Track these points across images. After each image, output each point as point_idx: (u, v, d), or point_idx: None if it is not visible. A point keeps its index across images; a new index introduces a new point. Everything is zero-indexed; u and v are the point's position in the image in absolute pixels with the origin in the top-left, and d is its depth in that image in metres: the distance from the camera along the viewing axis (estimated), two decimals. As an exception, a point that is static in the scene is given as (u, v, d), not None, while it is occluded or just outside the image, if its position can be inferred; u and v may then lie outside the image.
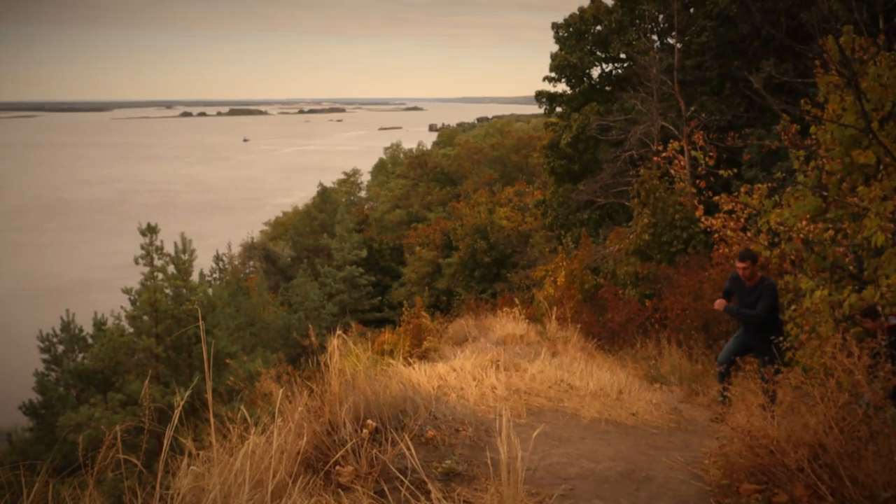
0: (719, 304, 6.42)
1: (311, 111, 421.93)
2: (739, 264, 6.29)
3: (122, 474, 2.83)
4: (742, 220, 9.16)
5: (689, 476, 4.00)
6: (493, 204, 33.24)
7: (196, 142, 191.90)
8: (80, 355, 18.90)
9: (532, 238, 29.17)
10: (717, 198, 9.54)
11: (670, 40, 21.92)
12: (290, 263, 39.95)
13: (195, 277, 18.20)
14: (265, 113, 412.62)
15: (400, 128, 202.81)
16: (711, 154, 12.90)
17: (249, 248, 44.01)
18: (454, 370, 6.09)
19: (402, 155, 64.21)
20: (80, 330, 19.29)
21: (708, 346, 9.27)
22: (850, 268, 7.50)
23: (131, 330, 17.38)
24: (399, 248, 39.75)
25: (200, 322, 3.83)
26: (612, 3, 22.98)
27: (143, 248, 16.67)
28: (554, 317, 9.97)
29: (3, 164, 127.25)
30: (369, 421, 3.69)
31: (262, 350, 19.19)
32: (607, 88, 23.67)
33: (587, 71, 23.71)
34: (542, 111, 26.07)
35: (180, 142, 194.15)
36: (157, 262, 16.75)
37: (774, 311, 6.43)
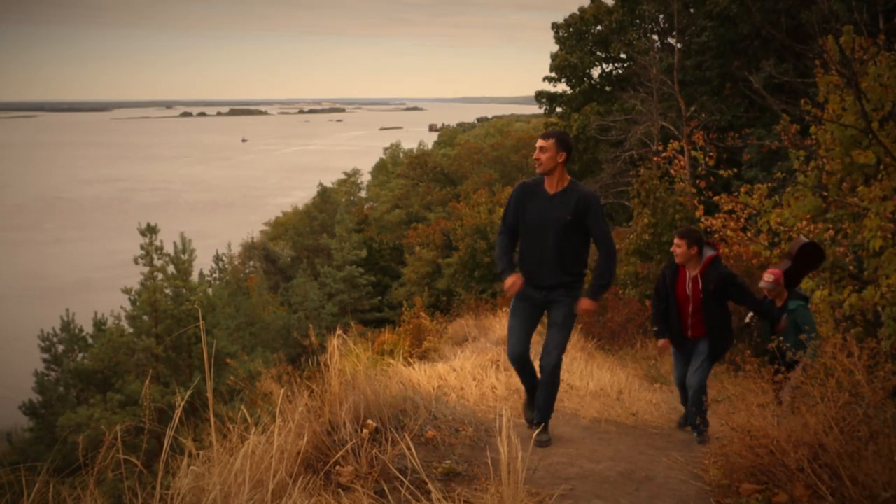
0: (510, 285, 4.12)
1: (311, 111, 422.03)
2: (541, 143, 4.07)
3: (123, 474, 2.83)
4: (742, 220, 9.17)
5: (689, 476, 4.00)
6: (493, 204, 33.22)
7: (196, 141, 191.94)
8: (80, 355, 18.92)
9: (532, 238, 29.12)
10: (717, 198, 9.55)
11: (670, 40, 21.95)
12: (290, 263, 39.95)
13: (195, 277, 18.22)
14: (265, 113, 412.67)
15: (401, 128, 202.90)
16: (711, 154, 12.91)
17: (249, 248, 44.02)
18: (454, 370, 6.10)
19: (402, 155, 64.23)
20: (80, 330, 19.31)
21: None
22: (850, 268, 7.51)
23: (131, 330, 17.39)
24: (399, 248, 39.72)
25: (201, 322, 3.84)
26: (612, 3, 23.00)
27: (142, 248, 16.68)
28: (554, 317, 9.92)
29: (3, 164, 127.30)
30: (369, 421, 3.69)
31: (262, 350, 19.20)
32: (607, 88, 23.69)
33: (587, 71, 23.74)
34: (542, 111, 26.09)
35: (180, 141, 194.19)
36: (157, 262, 16.76)
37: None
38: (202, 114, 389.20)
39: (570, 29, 23.37)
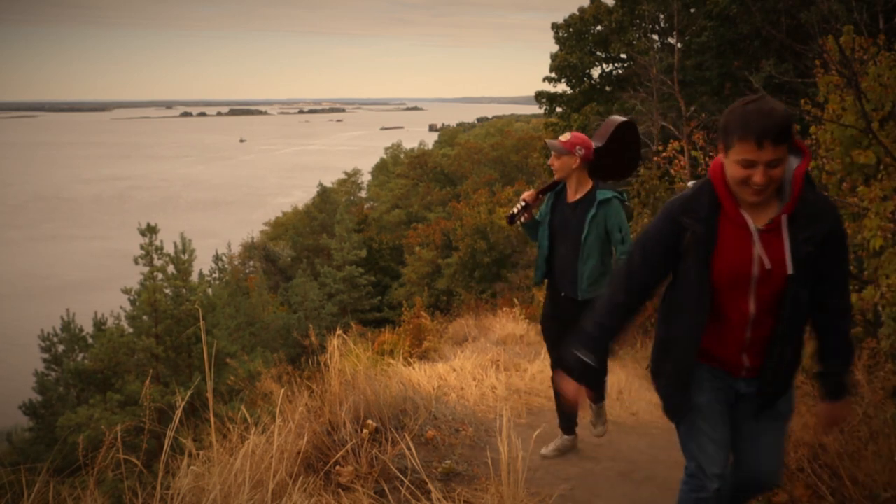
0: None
1: (311, 111, 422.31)
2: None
3: (123, 474, 2.83)
4: (742, 220, 9.14)
5: (689, 476, 3.99)
6: (493, 204, 33.23)
7: (196, 141, 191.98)
8: (80, 355, 18.92)
9: (532, 238, 29.10)
10: (717, 198, 9.52)
11: (670, 40, 21.94)
12: (290, 263, 39.94)
13: (195, 277, 18.21)
14: (265, 113, 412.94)
15: (401, 127, 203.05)
16: (712, 154, 12.89)
17: (249, 248, 44.00)
18: (454, 370, 6.09)
19: (402, 155, 64.25)
20: (80, 330, 19.31)
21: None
22: (851, 268, 7.50)
23: (131, 330, 17.38)
24: (399, 248, 39.72)
25: (201, 322, 3.84)
26: (612, 3, 22.99)
27: (142, 248, 16.68)
28: (554, 317, 9.92)
29: (3, 164, 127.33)
30: (369, 421, 3.69)
31: (262, 350, 19.19)
32: (607, 88, 23.66)
33: (587, 71, 23.71)
34: (542, 111, 26.07)
35: (180, 141, 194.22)
36: (157, 262, 16.75)
37: None
38: (202, 114, 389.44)
39: (570, 29, 23.35)
